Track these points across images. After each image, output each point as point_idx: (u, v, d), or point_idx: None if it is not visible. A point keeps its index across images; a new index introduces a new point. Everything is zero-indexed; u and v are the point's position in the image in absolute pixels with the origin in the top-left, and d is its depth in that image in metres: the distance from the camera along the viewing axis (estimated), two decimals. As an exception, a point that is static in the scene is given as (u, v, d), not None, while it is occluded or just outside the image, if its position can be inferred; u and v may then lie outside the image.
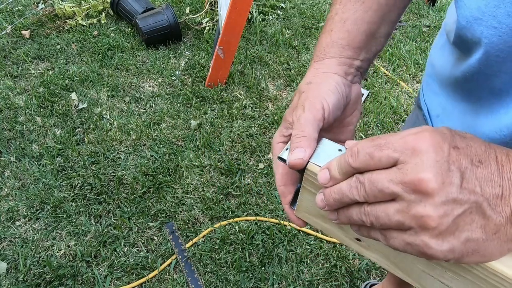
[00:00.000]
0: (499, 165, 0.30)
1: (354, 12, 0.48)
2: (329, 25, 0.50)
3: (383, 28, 0.50)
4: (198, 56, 2.22)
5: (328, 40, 0.49)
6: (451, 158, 0.29)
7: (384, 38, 0.51)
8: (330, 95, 0.44)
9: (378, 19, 0.49)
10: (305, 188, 0.40)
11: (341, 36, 0.48)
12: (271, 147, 0.48)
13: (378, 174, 0.30)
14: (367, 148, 0.31)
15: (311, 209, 0.42)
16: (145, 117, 1.87)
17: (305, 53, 2.31)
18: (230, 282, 1.32)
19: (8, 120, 1.83)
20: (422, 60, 2.30)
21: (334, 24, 0.49)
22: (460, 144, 0.30)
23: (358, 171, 0.32)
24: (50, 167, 1.64)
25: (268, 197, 1.56)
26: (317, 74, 0.47)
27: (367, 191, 0.31)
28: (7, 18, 2.47)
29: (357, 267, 1.37)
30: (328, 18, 0.51)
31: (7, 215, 1.48)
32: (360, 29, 0.48)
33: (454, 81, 0.48)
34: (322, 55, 0.49)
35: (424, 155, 0.29)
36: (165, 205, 1.52)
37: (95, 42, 2.30)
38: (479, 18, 0.37)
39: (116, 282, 1.32)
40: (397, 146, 0.30)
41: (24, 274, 1.32)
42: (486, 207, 0.29)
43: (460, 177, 0.28)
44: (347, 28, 0.48)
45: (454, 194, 0.28)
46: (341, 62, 0.48)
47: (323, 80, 0.46)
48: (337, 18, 0.50)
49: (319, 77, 0.47)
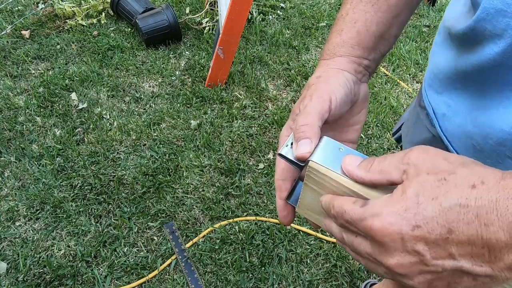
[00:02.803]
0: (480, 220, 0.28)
1: (364, 13, 0.49)
2: (339, 24, 0.51)
3: (393, 29, 0.51)
4: (198, 56, 2.23)
5: (338, 39, 0.50)
6: (409, 244, 0.30)
7: (393, 39, 0.52)
8: (339, 89, 0.45)
9: (388, 20, 0.49)
10: (307, 185, 0.41)
11: (351, 36, 0.49)
12: (277, 141, 0.48)
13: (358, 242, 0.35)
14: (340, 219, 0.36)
15: (313, 206, 0.42)
16: (145, 117, 1.87)
17: (305, 53, 2.31)
18: (230, 282, 1.32)
19: (8, 120, 1.83)
20: (422, 60, 2.30)
21: (344, 24, 0.50)
22: (425, 215, 0.29)
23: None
24: (50, 167, 1.64)
25: (268, 197, 1.56)
26: (327, 69, 0.48)
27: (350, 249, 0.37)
28: (7, 18, 2.47)
29: (357, 267, 1.37)
30: (338, 17, 0.52)
31: (7, 215, 1.48)
32: (370, 30, 0.49)
33: (462, 76, 0.48)
34: (332, 53, 0.50)
35: (385, 245, 0.31)
36: (165, 205, 1.52)
37: (95, 42, 2.30)
38: (503, 10, 0.37)
39: (116, 282, 1.32)
40: (360, 228, 0.33)
41: (24, 274, 1.32)
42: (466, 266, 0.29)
43: (424, 254, 0.30)
44: (357, 28, 0.49)
45: (422, 268, 0.30)
46: (351, 61, 0.49)
47: (333, 75, 0.47)
48: (347, 18, 0.50)
49: (329, 72, 0.47)
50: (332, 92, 0.44)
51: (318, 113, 0.42)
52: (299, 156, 0.39)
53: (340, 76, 0.46)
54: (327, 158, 0.38)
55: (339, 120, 0.48)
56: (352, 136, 0.50)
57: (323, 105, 0.43)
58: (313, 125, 0.41)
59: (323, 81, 0.46)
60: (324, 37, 2.45)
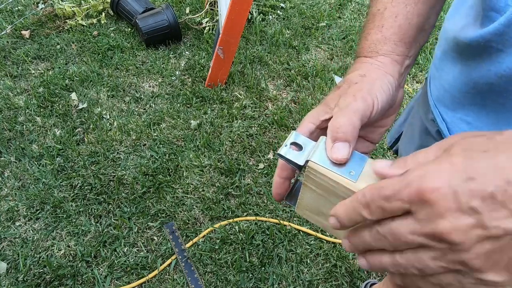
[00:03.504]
0: None
1: (405, 6, 0.48)
2: (378, 20, 0.49)
3: (431, 19, 0.49)
4: (198, 56, 2.22)
5: (379, 36, 0.48)
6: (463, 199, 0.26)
7: (431, 29, 0.50)
8: (382, 94, 0.43)
9: (427, 11, 0.48)
10: (306, 185, 0.40)
11: (393, 31, 0.47)
12: (300, 123, 0.45)
13: (398, 226, 0.29)
14: (377, 201, 0.30)
15: (312, 207, 0.42)
16: (145, 117, 1.87)
17: (305, 53, 2.31)
18: (230, 282, 1.32)
19: (8, 120, 1.83)
20: (422, 60, 2.30)
21: (384, 19, 0.48)
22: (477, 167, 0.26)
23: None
24: (50, 167, 1.64)
25: (268, 197, 1.56)
26: (371, 68, 0.46)
27: (392, 243, 0.30)
28: (7, 18, 2.47)
29: (357, 267, 1.37)
30: (374, 13, 0.50)
31: (7, 215, 1.48)
32: (412, 22, 0.47)
33: (482, 89, 0.44)
34: (374, 51, 0.47)
35: (434, 206, 0.27)
36: (165, 205, 1.52)
37: (95, 42, 2.30)
38: None
39: (116, 282, 1.32)
40: (404, 197, 0.28)
41: (24, 274, 1.32)
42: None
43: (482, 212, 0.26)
44: (398, 23, 0.47)
45: (481, 232, 0.26)
46: (394, 60, 0.47)
47: (378, 77, 0.45)
48: (387, 13, 0.48)
49: (374, 72, 0.45)
50: (375, 96, 0.42)
51: (361, 115, 0.40)
52: (335, 160, 0.37)
53: (385, 80, 0.44)
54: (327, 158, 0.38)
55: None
56: (375, 137, 0.48)
57: (366, 108, 0.40)
58: (354, 127, 0.38)
59: (368, 81, 0.44)
60: (324, 37, 2.45)
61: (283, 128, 1.84)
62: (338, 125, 0.38)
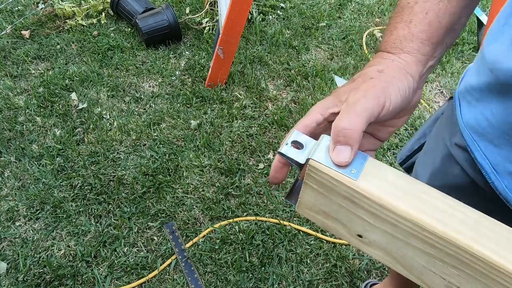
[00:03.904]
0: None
1: (437, 2, 0.45)
2: (407, 14, 0.46)
3: (462, 19, 0.47)
4: (198, 56, 2.23)
5: (406, 32, 0.45)
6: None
7: (460, 30, 0.48)
8: (397, 95, 0.41)
9: (460, 10, 0.45)
10: (307, 184, 0.40)
11: (422, 29, 0.44)
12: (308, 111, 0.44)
13: None
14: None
15: (313, 206, 0.42)
16: (145, 117, 1.87)
17: (305, 53, 2.31)
18: (230, 282, 1.32)
19: (8, 120, 1.83)
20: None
21: (413, 15, 0.45)
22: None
23: None
24: (50, 167, 1.64)
25: (268, 197, 1.56)
26: (392, 65, 0.43)
27: None
28: (7, 18, 2.47)
29: (357, 267, 1.37)
30: (403, 6, 0.47)
31: (7, 215, 1.48)
32: (442, 21, 0.45)
33: None
34: (399, 48, 0.45)
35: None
36: (165, 205, 1.52)
37: (95, 42, 2.30)
38: None
39: (116, 282, 1.32)
40: None
41: (24, 274, 1.32)
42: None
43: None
44: (429, 20, 0.44)
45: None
46: (418, 60, 0.44)
47: (397, 75, 0.42)
48: (417, 8, 0.45)
49: (394, 70, 0.43)
50: (389, 96, 0.40)
51: (368, 115, 0.38)
52: (337, 163, 0.37)
53: (404, 81, 0.42)
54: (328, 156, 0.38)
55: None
56: (383, 135, 0.47)
57: (375, 108, 0.38)
58: (358, 130, 0.37)
59: (384, 79, 0.41)
60: (324, 37, 2.45)
61: (283, 128, 1.84)
62: (342, 127, 0.37)
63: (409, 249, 0.37)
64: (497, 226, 0.34)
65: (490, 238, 0.33)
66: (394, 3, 2.85)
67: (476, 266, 0.33)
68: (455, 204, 0.36)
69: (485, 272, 0.33)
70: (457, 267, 0.34)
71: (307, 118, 0.42)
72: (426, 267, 0.37)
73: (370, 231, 0.39)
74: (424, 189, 0.37)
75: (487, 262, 0.32)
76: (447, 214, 0.35)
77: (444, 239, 0.34)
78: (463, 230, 0.34)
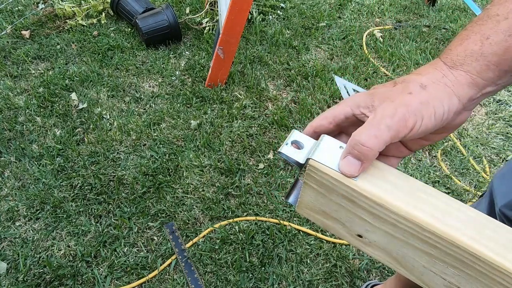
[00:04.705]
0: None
1: None
2: (489, 27, 0.39)
3: None
4: (198, 56, 2.23)
5: (476, 49, 0.39)
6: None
7: None
8: (430, 118, 0.37)
9: None
10: (307, 184, 0.40)
11: (496, 50, 0.38)
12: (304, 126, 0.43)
13: None
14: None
15: (313, 205, 0.42)
16: (145, 117, 1.87)
17: (305, 53, 2.31)
18: (230, 282, 1.32)
19: (8, 120, 1.83)
20: (422, 60, 2.30)
21: (494, 32, 0.38)
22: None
23: None
24: (50, 167, 1.64)
25: (268, 197, 1.56)
26: (439, 81, 0.39)
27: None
28: (7, 18, 2.47)
29: (357, 267, 1.37)
30: (489, 15, 0.40)
31: (7, 215, 1.48)
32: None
33: None
34: (459, 63, 0.39)
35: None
36: (165, 205, 1.52)
37: (95, 42, 2.30)
38: None
39: (116, 282, 1.32)
40: None
41: (24, 274, 1.32)
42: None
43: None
44: (509, 44, 0.37)
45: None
46: (474, 83, 0.39)
47: (439, 96, 0.38)
48: (503, 25, 0.38)
49: (438, 89, 0.39)
50: (420, 118, 0.37)
51: (390, 136, 0.36)
52: (342, 173, 0.37)
53: (445, 104, 0.38)
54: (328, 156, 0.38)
55: None
56: (413, 146, 0.44)
57: (401, 130, 0.36)
58: (374, 150, 0.36)
59: (422, 98, 0.37)
60: (324, 37, 2.45)
61: (283, 128, 1.84)
62: (359, 141, 0.36)
63: (409, 249, 0.37)
64: (497, 226, 0.34)
65: (490, 238, 0.33)
66: (394, 3, 2.85)
67: (476, 266, 0.33)
68: (455, 204, 0.36)
69: (485, 272, 0.33)
70: (457, 267, 0.34)
71: (337, 109, 0.41)
72: (426, 267, 0.37)
73: (370, 231, 0.39)
74: (424, 189, 0.37)
75: (487, 262, 0.32)
76: (447, 214, 0.35)
77: (444, 239, 0.34)
78: (463, 230, 0.34)
